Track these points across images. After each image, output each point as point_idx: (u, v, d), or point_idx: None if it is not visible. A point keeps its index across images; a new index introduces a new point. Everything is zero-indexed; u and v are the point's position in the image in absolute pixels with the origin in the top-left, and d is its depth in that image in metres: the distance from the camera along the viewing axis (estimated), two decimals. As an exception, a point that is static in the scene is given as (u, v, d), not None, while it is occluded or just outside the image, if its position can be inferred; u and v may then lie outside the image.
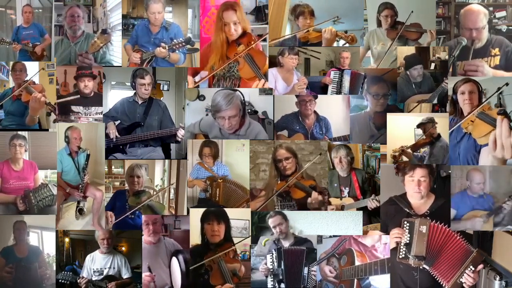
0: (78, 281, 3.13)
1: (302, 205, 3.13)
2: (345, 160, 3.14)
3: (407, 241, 2.95)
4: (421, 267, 2.95)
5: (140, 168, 3.20)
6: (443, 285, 2.91)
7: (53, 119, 3.22)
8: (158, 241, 3.17)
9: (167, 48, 3.19)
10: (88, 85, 3.22)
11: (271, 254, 3.10)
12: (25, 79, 3.21)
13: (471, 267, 2.89)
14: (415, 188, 3.02)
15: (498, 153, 2.92)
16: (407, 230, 2.96)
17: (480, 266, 2.91)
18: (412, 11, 3.17)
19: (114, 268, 3.16)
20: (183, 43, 3.20)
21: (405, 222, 2.98)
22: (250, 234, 3.14)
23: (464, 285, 2.90)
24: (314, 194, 3.10)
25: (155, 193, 3.21)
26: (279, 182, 3.15)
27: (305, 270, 3.07)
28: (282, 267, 3.08)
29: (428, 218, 2.98)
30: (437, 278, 2.91)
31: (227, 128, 3.14)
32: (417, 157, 3.12)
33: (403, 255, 2.96)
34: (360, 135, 3.18)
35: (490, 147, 2.94)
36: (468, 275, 2.88)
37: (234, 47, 3.17)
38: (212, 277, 3.02)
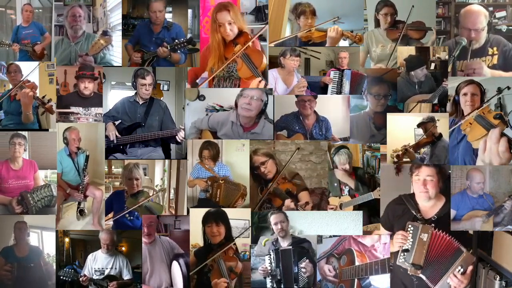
0: (80, 279, 3.13)
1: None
2: (351, 164, 3.15)
3: (408, 247, 2.94)
4: (417, 276, 2.94)
5: (137, 168, 3.18)
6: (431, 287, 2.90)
7: (41, 112, 3.21)
8: (153, 241, 3.18)
9: (169, 48, 3.20)
10: (88, 87, 3.21)
11: (269, 255, 3.12)
12: (21, 79, 3.21)
13: (459, 268, 2.85)
14: (420, 188, 2.99)
15: (485, 157, 2.86)
16: (410, 235, 2.95)
17: (470, 268, 2.85)
18: (413, 6, 3.14)
19: (115, 268, 3.16)
20: (185, 43, 3.20)
21: (410, 226, 2.96)
22: (250, 226, 3.15)
23: None
24: (287, 202, 3.12)
25: (152, 194, 3.21)
26: (264, 189, 3.16)
27: (296, 268, 3.09)
28: (280, 267, 3.09)
29: (433, 225, 2.94)
30: (428, 283, 2.90)
31: (246, 107, 3.12)
32: (417, 158, 3.13)
33: (402, 260, 2.96)
34: (360, 135, 3.18)
35: (481, 149, 2.90)
36: (455, 276, 2.84)
37: (231, 47, 3.17)
38: (213, 275, 3.04)
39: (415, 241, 2.92)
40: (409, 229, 2.96)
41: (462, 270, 2.85)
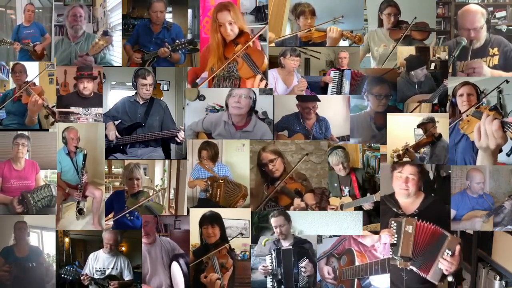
0: (82, 277, 3.12)
1: (291, 211, 3.16)
2: (346, 164, 3.15)
3: (394, 242, 2.96)
4: (407, 268, 2.94)
5: (138, 168, 3.18)
6: (424, 276, 2.90)
7: (51, 122, 3.21)
8: (153, 242, 3.18)
9: (170, 49, 3.20)
10: (87, 87, 3.21)
11: (270, 255, 3.11)
12: (26, 80, 3.21)
13: (447, 251, 2.86)
14: (402, 185, 3.02)
15: (482, 142, 2.83)
16: (394, 231, 2.98)
17: (458, 248, 2.86)
18: (415, 17, 3.15)
19: (116, 268, 3.16)
20: (187, 44, 3.21)
21: (392, 222, 3.00)
22: (240, 234, 3.16)
23: (445, 272, 2.87)
24: (296, 201, 3.13)
25: (152, 194, 3.21)
26: (270, 187, 3.17)
27: (296, 268, 3.09)
28: (281, 267, 3.09)
29: (416, 217, 2.97)
30: (420, 274, 2.91)
31: (236, 105, 3.13)
32: (417, 158, 3.13)
33: (390, 256, 2.97)
34: (361, 135, 3.18)
35: (476, 137, 2.86)
36: (445, 259, 2.85)
37: (232, 47, 3.16)
38: (207, 271, 3.07)
39: (401, 234, 2.94)
40: (392, 226, 2.99)
41: (450, 253, 2.86)
